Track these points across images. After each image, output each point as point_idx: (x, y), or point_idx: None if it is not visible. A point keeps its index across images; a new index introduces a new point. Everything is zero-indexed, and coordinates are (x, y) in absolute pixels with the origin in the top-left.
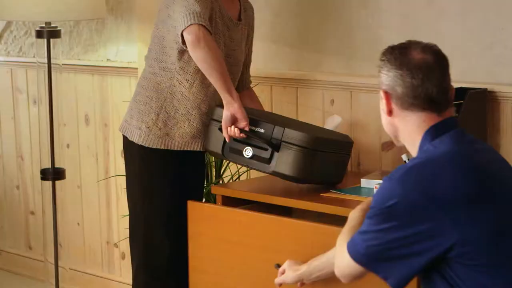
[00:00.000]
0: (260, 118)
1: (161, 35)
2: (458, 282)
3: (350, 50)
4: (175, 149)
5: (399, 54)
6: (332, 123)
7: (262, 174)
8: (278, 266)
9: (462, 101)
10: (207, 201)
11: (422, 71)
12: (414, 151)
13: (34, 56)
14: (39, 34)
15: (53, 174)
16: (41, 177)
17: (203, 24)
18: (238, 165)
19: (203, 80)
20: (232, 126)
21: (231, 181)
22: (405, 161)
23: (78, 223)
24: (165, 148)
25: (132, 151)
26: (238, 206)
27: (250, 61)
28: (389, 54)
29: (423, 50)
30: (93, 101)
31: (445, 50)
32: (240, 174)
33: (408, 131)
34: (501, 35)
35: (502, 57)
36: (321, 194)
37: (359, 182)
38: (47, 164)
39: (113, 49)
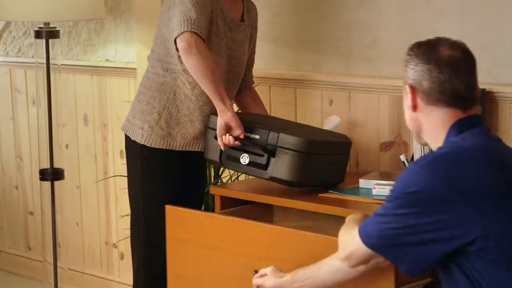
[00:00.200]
0: (254, 124)
1: (163, 36)
2: (477, 277)
3: (349, 51)
4: (177, 149)
5: (427, 49)
6: (331, 123)
7: None
8: (256, 272)
9: None
10: (205, 201)
11: (450, 67)
12: (437, 147)
13: (33, 57)
14: (38, 34)
15: (52, 174)
16: (40, 177)
17: (196, 32)
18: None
19: None
20: (227, 134)
21: (229, 181)
22: (403, 162)
23: (77, 224)
24: (167, 148)
25: (134, 151)
26: (237, 207)
27: (253, 61)
28: (416, 49)
29: (451, 47)
30: (92, 101)
31: None
32: (239, 174)
33: (432, 126)
34: (500, 35)
35: (501, 57)
36: (319, 195)
37: (358, 183)
38: (46, 165)
39: (112, 49)
